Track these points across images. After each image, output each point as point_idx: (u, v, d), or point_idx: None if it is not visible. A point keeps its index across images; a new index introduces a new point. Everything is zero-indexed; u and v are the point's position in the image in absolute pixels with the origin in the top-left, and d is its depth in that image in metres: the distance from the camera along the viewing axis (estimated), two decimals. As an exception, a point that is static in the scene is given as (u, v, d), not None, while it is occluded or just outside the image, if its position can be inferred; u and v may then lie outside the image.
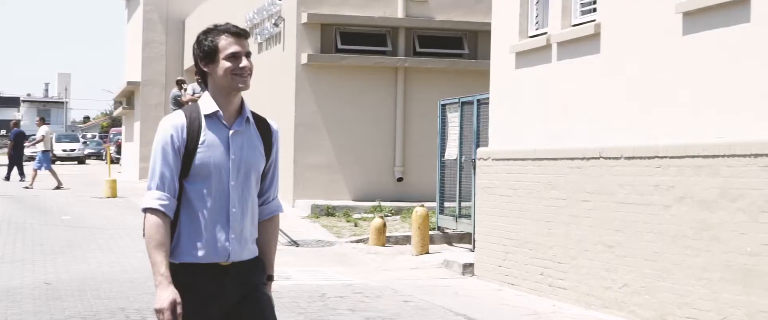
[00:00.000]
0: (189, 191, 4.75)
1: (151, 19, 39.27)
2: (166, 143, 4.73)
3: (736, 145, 9.46)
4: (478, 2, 23.47)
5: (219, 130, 4.78)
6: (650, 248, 10.70)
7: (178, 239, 4.76)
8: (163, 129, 4.76)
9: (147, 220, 4.73)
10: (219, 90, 4.80)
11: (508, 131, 14.11)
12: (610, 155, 11.48)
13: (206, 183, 4.74)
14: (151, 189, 4.76)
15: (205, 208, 4.74)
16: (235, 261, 4.78)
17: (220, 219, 4.75)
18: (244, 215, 4.81)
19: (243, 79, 4.77)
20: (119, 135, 58.80)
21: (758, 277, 9.11)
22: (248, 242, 4.85)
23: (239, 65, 4.75)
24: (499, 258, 13.91)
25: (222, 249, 4.75)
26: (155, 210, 4.71)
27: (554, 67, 12.93)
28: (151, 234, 4.71)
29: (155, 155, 4.77)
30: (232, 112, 4.83)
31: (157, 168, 4.75)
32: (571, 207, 12.23)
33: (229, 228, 4.76)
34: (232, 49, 4.74)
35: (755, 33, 9.37)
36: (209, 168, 4.72)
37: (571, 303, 12.10)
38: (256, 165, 4.85)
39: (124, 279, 13.59)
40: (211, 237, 4.74)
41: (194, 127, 4.75)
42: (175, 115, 4.81)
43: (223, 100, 4.80)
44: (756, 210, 9.16)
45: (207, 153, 4.73)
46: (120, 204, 26.72)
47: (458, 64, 23.49)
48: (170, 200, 4.73)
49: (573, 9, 12.78)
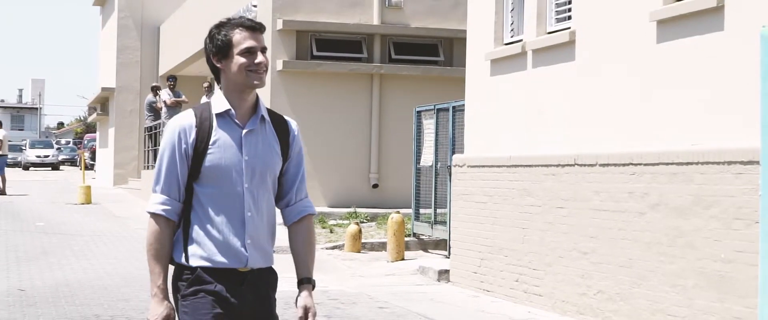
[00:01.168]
0: (200, 194, 4.53)
1: (126, 25, 39.19)
2: (173, 144, 4.52)
3: (709, 152, 9.52)
4: (453, 9, 23.53)
5: (231, 129, 4.55)
6: (625, 255, 10.75)
7: (192, 243, 4.54)
8: (171, 129, 4.56)
9: (149, 226, 4.59)
10: (232, 87, 4.57)
11: (483, 138, 14.15)
12: (585, 162, 11.53)
13: (218, 186, 4.51)
14: (155, 192, 4.58)
15: (218, 212, 4.51)
16: (253, 267, 4.56)
17: (235, 223, 4.52)
18: (259, 219, 4.57)
19: (258, 76, 4.53)
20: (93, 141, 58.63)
21: (732, 284, 9.17)
22: (265, 248, 4.62)
23: (254, 61, 4.52)
24: (474, 265, 13.94)
25: (239, 254, 4.52)
26: (157, 215, 4.55)
27: (529, 74, 12.98)
28: (151, 242, 4.56)
29: (161, 156, 4.57)
30: (246, 111, 4.60)
31: (162, 171, 4.56)
32: (546, 214, 12.27)
33: (245, 234, 4.52)
34: (247, 44, 4.52)
35: (728, 42, 9.43)
36: (220, 170, 4.50)
37: (546, 309, 12.14)
38: (271, 166, 4.61)
39: (98, 285, 13.55)
40: (228, 242, 4.50)
41: (204, 126, 4.52)
42: (185, 114, 4.59)
43: (237, 97, 4.57)
44: (729, 217, 9.22)
45: (218, 154, 4.50)
46: (94, 211, 26.65)
47: (434, 70, 23.54)
48: (174, 204, 4.53)
49: (548, 16, 12.83)
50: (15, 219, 23.45)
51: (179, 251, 4.57)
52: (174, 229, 4.57)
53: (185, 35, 32.94)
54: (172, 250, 4.58)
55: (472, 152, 14.48)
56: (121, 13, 39.09)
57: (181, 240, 4.57)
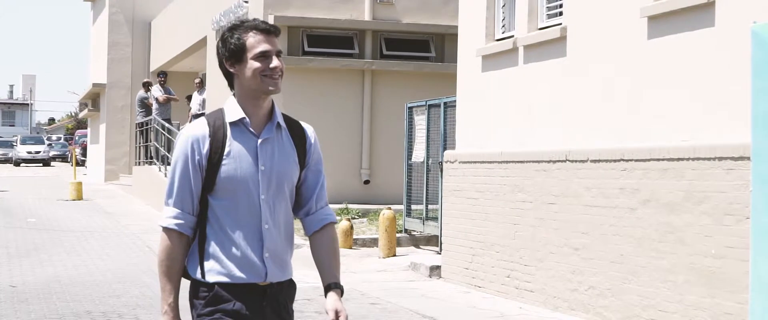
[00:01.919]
0: (216, 207, 4.33)
1: (117, 20, 39.11)
2: (185, 156, 4.31)
3: (700, 148, 9.54)
4: (445, 5, 23.52)
5: (246, 138, 4.33)
6: (616, 250, 10.76)
7: (208, 258, 4.33)
8: (183, 140, 4.35)
9: (161, 241, 4.36)
10: (246, 93, 4.34)
11: (474, 134, 14.16)
12: (576, 158, 11.55)
13: (234, 198, 4.30)
14: (168, 205, 4.36)
15: (234, 226, 4.31)
16: (273, 281, 4.36)
17: (252, 237, 4.31)
18: (277, 231, 4.37)
19: (274, 81, 4.31)
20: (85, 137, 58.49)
21: (722, 279, 9.19)
22: (284, 260, 4.42)
23: (270, 65, 4.29)
24: (466, 261, 13.95)
25: (258, 269, 4.31)
26: (169, 230, 4.32)
27: (521, 70, 12.99)
28: (162, 258, 4.33)
29: (173, 168, 4.36)
30: (261, 118, 4.38)
31: (174, 183, 4.34)
32: (537, 210, 12.28)
33: (263, 247, 4.32)
34: (262, 48, 4.29)
35: (719, 38, 9.45)
36: (236, 182, 4.29)
37: (537, 305, 12.15)
38: (289, 175, 4.40)
39: (90, 282, 13.54)
40: (245, 256, 4.29)
41: (218, 136, 4.31)
42: (197, 124, 4.37)
43: (251, 104, 4.35)
44: (720, 212, 9.24)
45: (233, 165, 4.29)
46: (86, 207, 26.61)
47: (425, 66, 23.53)
48: (187, 218, 4.32)
49: (539, 12, 12.84)
50: (6, 215, 23.42)
51: (195, 266, 4.36)
52: (187, 244, 4.37)
53: (176, 31, 32.89)
54: (187, 265, 4.39)
55: (463, 148, 14.49)
56: (112, 9, 39.00)
57: (197, 255, 4.36)
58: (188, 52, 32.03)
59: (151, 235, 19.87)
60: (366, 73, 23.29)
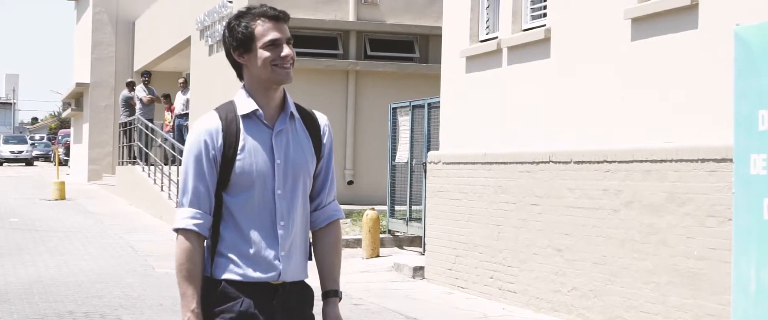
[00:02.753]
0: (230, 204, 4.10)
1: (101, 20, 39.02)
2: (200, 152, 4.09)
3: (683, 149, 9.57)
4: (429, 6, 23.54)
5: (260, 131, 4.12)
6: (599, 252, 10.78)
7: (220, 256, 4.11)
8: (196, 135, 4.13)
9: (178, 244, 4.09)
10: (257, 84, 4.13)
11: (458, 135, 14.17)
12: (559, 159, 11.56)
13: (249, 194, 4.08)
14: (183, 205, 4.11)
15: (249, 223, 4.10)
16: (286, 281, 4.16)
17: (267, 234, 4.11)
18: (293, 228, 4.17)
19: (285, 71, 4.09)
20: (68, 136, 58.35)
21: (705, 281, 9.21)
22: (299, 259, 4.23)
23: (281, 54, 4.08)
24: (449, 262, 13.96)
25: (272, 267, 4.11)
26: (187, 231, 4.07)
27: (505, 71, 13.00)
28: (182, 261, 4.07)
29: (187, 166, 4.12)
30: (274, 109, 4.17)
31: (189, 182, 4.10)
32: (520, 211, 12.30)
33: (278, 245, 4.12)
34: (272, 36, 4.07)
35: (702, 40, 9.47)
36: (252, 177, 4.07)
37: (520, 306, 12.16)
38: (305, 168, 4.19)
39: (72, 282, 13.51)
40: (259, 254, 4.09)
41: (231, 130, 4.09)
42: (209, 117, 4.15)
43: (262, 95, 4.14)
44: (703, 214, 9.26)
45: (248, 160, 4.08)
46: (69, 207, 26.54)
47: (409, 67, 23.54)
48: (205, 218, 4.09)
49: (523, 14, 12.86)
50: (-12, 215, 23.34)
51: (206, 264, 4.15)
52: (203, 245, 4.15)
53: (160, 31, 32.83)
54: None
55: (447, 149, 14.49)
56: (96, 8, 38.91)
57: (209, 254, 4.15)
58: (172, 51, 31.97)
59: (133, 235, 19.84)
60: (350, 74, 23.28)
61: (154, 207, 24.28)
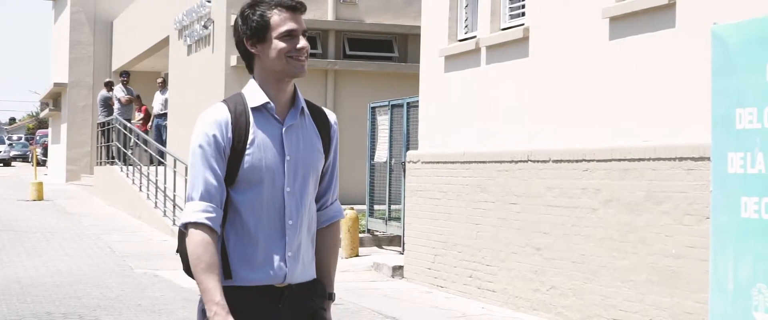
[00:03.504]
0: (236, 201, 3.92)
1: (79, 19, 38.86)
2: (209, 144, 3.89)
3: (660, 148, 9.59)
4: (408, 5, 23.54)
5: (270, 125, 3.95)
6: (577, 250, 10.81)
7: (223, 258, 3.92)
8: (205, 126, 3.93)
9: (191, 238, 3.86)
10: (269, 76, 3.97)
11: (437, 134, 14.17)
12: (538, 158, 11.58)
13: (257, 191, 3.91)
14: (193, 199, 3.89)
15: (255, 221, 3.92)
16: (292, 283, 3.98)
17: (274, 233, 3.94)
18: (301, 227, 4.00)
19: (300, 64, 3.94)
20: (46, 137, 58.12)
21: (683, 279, 9.24)
22: (306, 259, 4.05)
23: (297, 46, 3.92)
24: (428, 261, 13.96)
25: (277, 269, 3.93)
26: (200, 224, 3.85)
27: (483, 70, 13.02)
28: (199, 254, 3.83)
29: (195, 159, 3.92)
30: (285, 103, 4.00)
31: (198, 175, 3.89)
32: (499, 210, 12.31)
33: (286, 245, 3.95)
34: (288, 26, 3.91)
35: (680, 39, 9.50)
36: (261, 173, 3.90)
37: (499, 305, 12.18)
38: (314, 166, 4.03)
39: (50, 283, 13.45)
40: (264, 255, 3.92)
41: (241, 123, 3.91)
42: (217, 109, 3.95)
43: (274, 88, 3.97)
44: (680, 212, 9.29)
45: (257, 154, 3.90)
46: (46, 207, 26.43)
47: (388, 67, 23.53)
48: (217, 212, 3.88)
49: (502, 13, 12.87)
50: (-35, 215, 23.23)
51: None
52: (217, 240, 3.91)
53: (138, 30, 32.73)
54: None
55: (426, 148, 14.50)
56: (74, 8, 38.76)
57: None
58: (150, 51, 31.88)
59: (112, 236, 19.77)
60: (329, 73, 23.26)
61: (132, 207, 24.20)
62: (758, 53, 7.07)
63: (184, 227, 3.89)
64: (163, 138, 27.20)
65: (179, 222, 3.94)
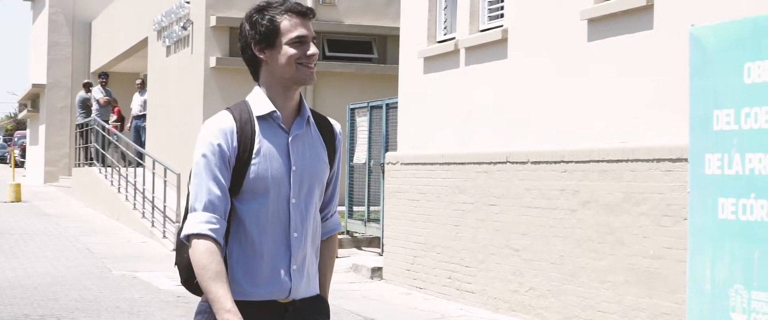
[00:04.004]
0: (240, 212, 3.80)
1: (57, 20, 38.73)
2: (214, 153, 3.77)
3: (639, 149, 9.62)
4: (387, 7, 23.55)
5: (276, 135, 3.85)
6: (556, 251, 10.83)
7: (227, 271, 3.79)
8: (209, 135, 3.80)
9: (195, 248, 3.74)
10: (277, 83, 3.86)
11: (416, 135, 14.18)
12: (516, 159, 11.60)
13: (262, 202, 3.80)
14: (196, 210, 3.77)
15: (260, 233, 3.81)
16: (296, 298, 3.88)
17: (279, 246, 3.83)
18: (306, 240, 3.89)
19: (310, 71, 3.83)
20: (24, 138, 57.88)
21: (661, 280, 9.27)
22: (310, 273, 3.95)
23: (307, 52, 3.82)
24: (407, 262, 13.97)
25: (282, 283, 3.82)
26: (204, 236, 3.73)
27: (462, 71, 13.03)
28: (205, 263, 3.70)
29: (199, 168, 3.79)
30: (291, 112, 3.89)
31: (202, 185, 3.77)
32: (478, 211, 12.32)
33: (291, 258, 3.84)
34: (299, 32, 3.81)
35: (658, 40, 9.53)
36: (267, 184, 3.79)
37: (478, 306, 12.19)
38: (320, 176, 3.92)
39: (28, 284, 13.39)
40: (269, 268, 3.81)
41: (246, 132, 3.81)
42: (222, 117, 3.85)
43: (281, 96, 3.86)
44: (658, 213, 9.32)
45: (263, 164, 3.79)
46: (24, 209, 26.33)
47: (367, 68, 23.53)
48: (221, 223, 3.77)
49: (481, 15, 12.89)
50: (-57, 217, 23.12)
51: None
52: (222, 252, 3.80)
53: (117, 32, 32.64)
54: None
55: (405, 150, 14.50)
56: (52, 9, 38.62)
57: None
58: (129, 52, 31.79)
59: (90, 237, 19.71)
60: (308, 75, 23.21)
61: (110, 209, 24.12)
62: (736, 55, 7.10)
63: (186, 239, 3.78)
64: (142, 139, 27.13)
65: (182, 234, 3.80)
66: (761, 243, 6.86)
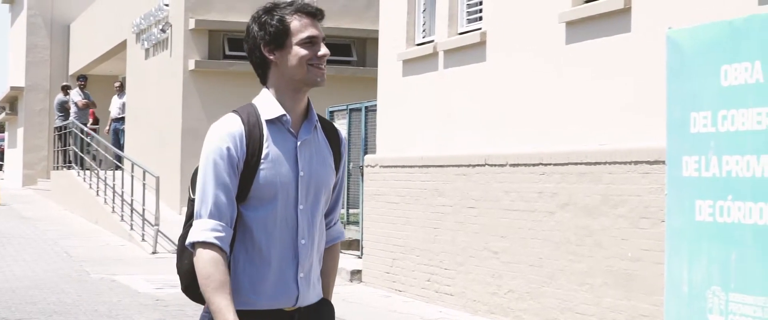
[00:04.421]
0: (248, 219, 3.71)
1: (35, 23, 38.58)
2: (222, 157, 3.68)
3: (617, 152, 9.65)
4: (366, 9, 23.55)
5: (284, 139, 3.76)
6: (535, 254, 10.84)
7: (235, 280, 3.72)
8: (217, 138, 3.72)
9: (199, 257, 3.65)
10: (287, 85, 3.78)
11: (395, 138, 14.19)
12: (495, 162, 11.61)
13: (270, 209, 3.71)
14: (201, 217, 3.68)
15: (268, 240, 3.72)
16: (302, 305, 3.80)
17: (287, 253, 3.74)
18: (312, 248, 3.81)
19: (321, 72, 3.77)
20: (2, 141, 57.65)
21: (638, 282, 9.29)
22: (315, 280, 3.86)
23: (318, 53, 3.76)
24: (386, 265, 13.97)
25: (289, 291, 3.75)
26: (209, 244, 3.64)
27: (441, 74, 13.04)
28: (209, 273, 3.62)
29: (206, 173, 3.69)
30: (299, 116, 3.82)
31: (208, 190, 3.68)
32: (457, 214, 12.34)
33: (298, 266, 3.75)
34: (309, 33, 3.75)
35: (635, 43, 9.56)
36: (275, 189, 3.70)
37: (457, 309, 12.20)
38: (326, 183, 3.83)
39: (6, 288, 13.34)
40: (276, 276, 3.73)
41: (255, 135, 3.71)
42: (229, 120, 3.76)
43: (290, 99, 3.78)
44: (636, 216, 9.35)
45: (272, 170, 3.70)
46: (2, 212, 26.21)
47: (346, 70, 23.52)
48: (227, 231, 3.67)
49: (459, 17, 12.90)
50: None
51: None
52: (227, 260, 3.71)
53: (96, 34, 32.54)
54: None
55: (384, 152, 14.51)
56: (31, 11, 38.47)
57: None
58: (108, 55, 31.70)
59: (68, 240, 19.64)
60: (287, 77, 23.20)
61: (89, 212, 24.04)
62: (713, 58, 7.13)
63: (191, 246, 3.69)
64: (121, 142, 27.05)
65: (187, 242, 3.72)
66: (738, 245, 6.90)
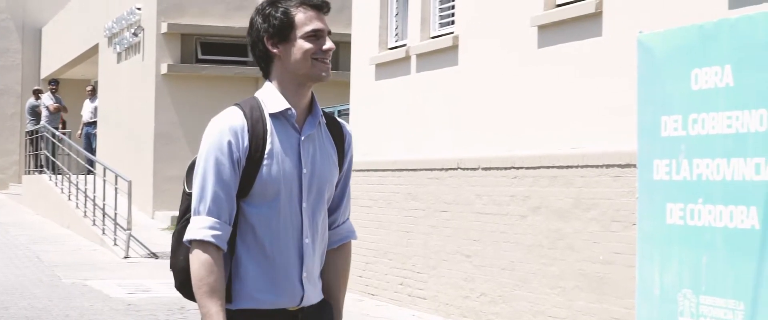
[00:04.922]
0: (250, 216, 3.62)
1: (7, 27, 38.37)
2: (222, 152, 3.58)
3: (589, 155, 9.67)
4: (338, 13, 23.53)
5: (288, 134, 3.67)
6: (507, 257, 10.86)
7: (235, 278, 3.64)
8: (217, 133, 3.61)
9: (194, 257, 3.56)
10: (290, 80, 3.68)
11: (368, 142, 14.18)
12: (467, 166, 11.63)
13: (273, 206, 3.61)
14: (200, 213, 3.58)
15: (272, 239, 3.63)
16: (306, 305, 3.72)
17: (291, 252, 3.65)
18: (316, 246, 3.73)
19: (326, 66, 3.70)
20: (-27, 145, 57.30)
21: (610, 285, 9.32)
22: (317, 280, 3.78)
23: (323, 47, 3.69)
24: (359, 269, 13.96)
25: (294, 291, 3.67)
26: (205, 243, 3.55)
27: (413, 78, 13.05)
28: (202, 276, 3.54)
29: (206, 169, 3.59)
30: (303, 111, 3.72)
31: (207, 187, 3.58)
32: (430, 218, 12.34)
33: (303, 264, 3.67)
34: (314, 26, 3.68)
35: (606, 46, 9.60)
36: (278, 186, 3.60)
37: (430, 312, 12.20)
38: (330, 179, 3.75)
39: (-24, 293, 13.27)
40: (280, 276, 3.64)
41: (258, 130, 3.61)
42: (231, 113, 3.64)
43: (294, 93, 3.68)
44: (608, 219, 9.37)
45: (275, 166, 3.60)
46: (-27, 217, 26.05)
47: (320, 75, 23.49)
48: (225, 228, 3.58)
49: (432, 21, 12.92)
50: None
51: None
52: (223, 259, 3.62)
53: (68, 38, 32.40)
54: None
55: (357, 156, 14.47)
56: (2, 15, 38.26)
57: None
58: (80, 59, 31.57)
59: (40, 245, 19.53)
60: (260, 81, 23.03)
61: (61, 216, 23.92)
62: (683, 61, 7.17)
63: (188, 243, 3.59)
64: (93, 146, 26.94)
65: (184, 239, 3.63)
66: (709, 248, 6.93)
